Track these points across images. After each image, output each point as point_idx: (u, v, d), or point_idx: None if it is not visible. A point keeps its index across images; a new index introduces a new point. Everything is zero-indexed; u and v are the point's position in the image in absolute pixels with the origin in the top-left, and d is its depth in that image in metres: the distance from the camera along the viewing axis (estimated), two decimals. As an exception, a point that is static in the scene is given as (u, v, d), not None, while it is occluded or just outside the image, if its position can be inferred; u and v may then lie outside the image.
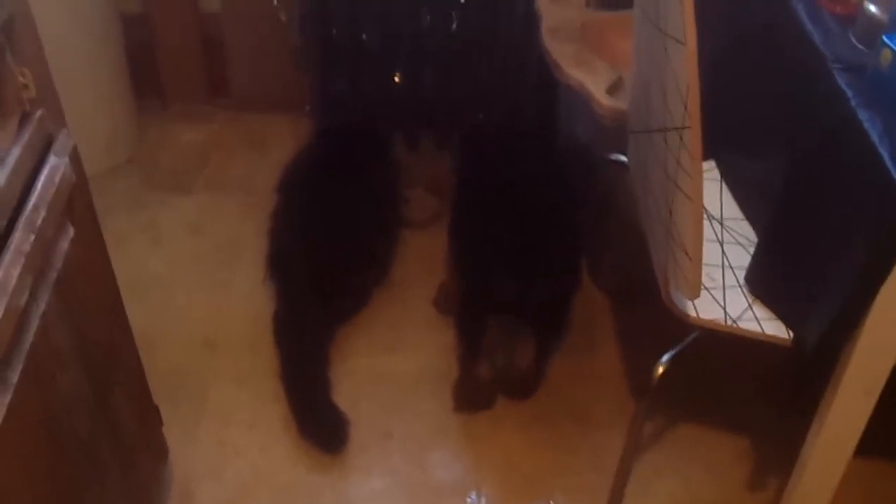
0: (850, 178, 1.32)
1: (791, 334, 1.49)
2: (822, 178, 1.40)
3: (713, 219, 1.74)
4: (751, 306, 1.54)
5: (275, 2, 2.51)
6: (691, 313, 1.52)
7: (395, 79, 2.39)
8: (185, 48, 2.71)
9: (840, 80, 1.37)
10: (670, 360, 1.59)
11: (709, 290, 1.56)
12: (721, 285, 1.58)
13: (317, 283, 2.07)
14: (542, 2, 2.17)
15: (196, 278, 2.27)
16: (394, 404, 1.97)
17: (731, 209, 1.77)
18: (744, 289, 1.58)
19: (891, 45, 1.31)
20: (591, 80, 1.93)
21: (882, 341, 1.35)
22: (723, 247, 1.67)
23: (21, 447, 1.04)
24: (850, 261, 1.31)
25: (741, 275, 1.60)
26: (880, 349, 1.36)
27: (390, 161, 2.36)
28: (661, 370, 1.58)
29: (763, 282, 1.56)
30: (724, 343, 1.53)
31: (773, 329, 1.50)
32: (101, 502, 1.35)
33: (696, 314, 1.52)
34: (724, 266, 1.63)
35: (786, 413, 1.83)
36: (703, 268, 1.41)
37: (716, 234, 1.70)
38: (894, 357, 1.37)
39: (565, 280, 1.88)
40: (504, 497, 1.82)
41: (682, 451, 1.89)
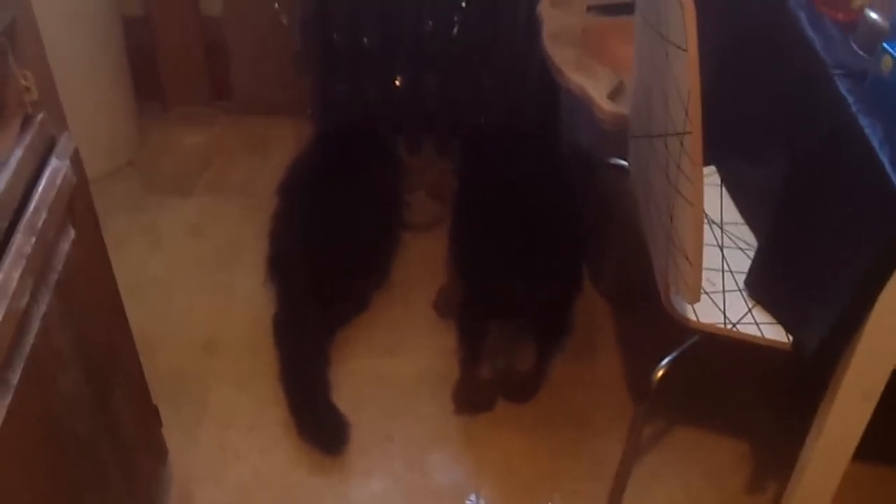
0: (850, 183, 1.32)
1: (790, 338, 1.49)
2: (822, 183, 1.40)
3: (713, 223, 1.74)
4: (750, 310, 1.54)
5: (276, 5, 2.52)
6: (691, 317, 1.52)
7: (397, 82, 2.40)
8: (187, 51, 2.71)
9: (841, 86, 1.37)
10: (670, 363, 1.59)
11: (709, 295, 1.56)
12: (721, 289, 1.59)
13: (317, 286, 2.07)
14: (544, 7, 2.17)
15: (196, 281, 2.27)
16: (394, 407, 1.98)
17: (732, 214, 1.78)
18: (744, 293, 1.58)
19: (891, 51, 1.32)
20: (593, 85, 1.93)
21: (881, 346, 1.35)
22: (723, 251, 1.68)
23: (21, 448, 1.04)
24: (849, 266, 1.31)
25: (741, 279, 1.60)
26: (879, 354, 1.37)
27: (391, 164, 2.36)
28: (660, 374, 1.59)
29: (763, 286, 1.56)
30: (723, 347, 1.53)
31: (773, 333, 1.50)
32: (101, 503, 1.35)
33: (696, 318, 1.52)
34: (724, 270, 1.63)
35: (785, 417, 1.83)
36: (703, 272, 1.41)
37: (716, 238, 1.71)
38: (893, 362, 1.37)
39: (566, 284, 1.89)
40: (504, 500, 1.82)
41: (682, 454, 1.89)
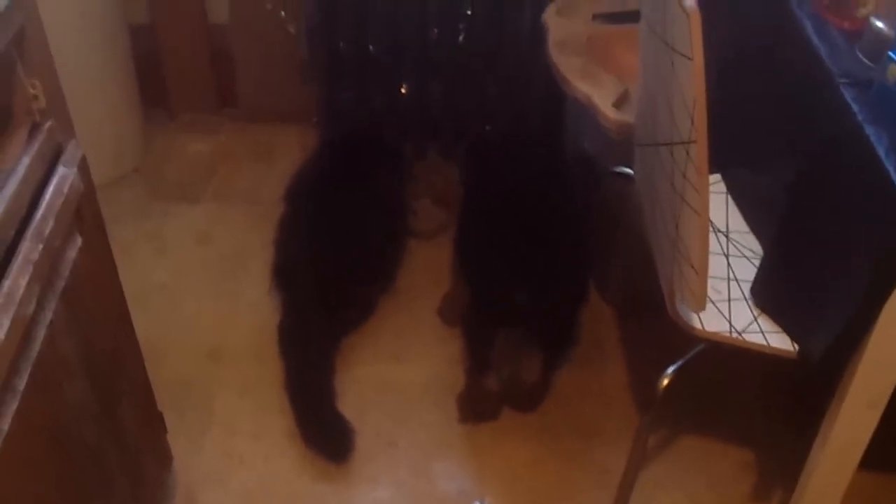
0: (856, 192, 1.32)
1: (796, 347, 1.49)
2: (828, 192, 1.40)
3: (719, 232, 1.74)
4: (756, 319, 1.54)
5: (283, 13, 2.52)
6: (697, 326, 1.52)
7: (402, 90, 2.40)
8: (193, 59, 2.71)
9: (846, 94, 1.37)
10: (675, 372, 1.58)
11: (714, 303, 1.56)
12: (727, 298, 1.58)
13: (323, 293, 2.07)
14: (549, 15, 2.18)
15: (202, 288, 2.27)
16: (399, 414, 1.98)
17: (737, 222, 1.77)
18: (749, 301, 1.58)
19: (897, 60, 1.32)
20: (598, 93, 1.93)
21: (887, 355, 1.35)
22: (728, 260, 1.68)
23: (28, 454, 1.04)
24: (855, 274, 1.31)
25: (747, 288, 1.60)
26: (885, 363, 1.36)
27: (397, 171, 2.36)
28: (665, 382, 1.58)
29: (768, 295, 1.56)
30: (729, 355, 1.53)
31: (779, 342, 1.50)
32: (107, 511, 1.35)
33: (702, 326, 1.52)
34: (729, 279, 1.63)
35: (790, 426, 1.83)
36: (708, 280, 1.41)
37: (721, 246, 1.71)
38: (899, 371, 1.37)
39: (573, 292, 1.89)
40: (508, 508, 1.83)
41: (687, 463, 1.89)
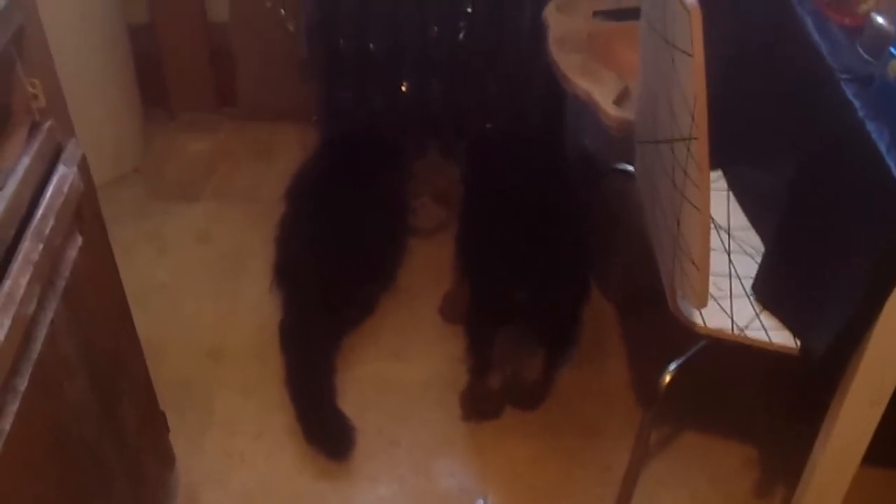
0: (857, 188, 1.32)
1: (798, 343, 1.48)
2: (829, 188, 1.40)
3: (720, 228, 1.74)
4: (758, 315, 1.54)
5: (282, 11, 2.52)
6: (698, 322, 1.52)
7: (402, 88, 2.40)
8: (193, 58, 2.71)
9: (847, 91, 1.37)
10: (677, 369, 1.58)
11: (716, 300, 1.56)
12: (728, 294, 1.58)
13: (323, 292, 2.07)
14: (549, 12, 2.17)
15: (202, 287, 2.27)
16: (400, 412, 1.97)
17: (739, 219, 1.77)
18: (751, 298, 1.58)
19: (898, 55, 1.31)
20: (598, 90, 1.93)
21: (889, 351, 1.35)
22: (730, 256, 1.67)
23: (29, 455, 1.04)
24: (857, 271, 1.31)
25: (748, 284, 1.60)
26: (887, 359, 1.36)
27: (397, 170, 2.36)
28: (667, 379, 1.58)
29: (770, 291, 1.56)
30: (731, 352, 1.53)
31: (781, 338, 1.50)
32: (109, 510, 1.35)
33: (704, 323, 1.52)
34: (731, 275, 1.63)
35: (793, 422, 1.83)
36: (710, 277, 1.41)
37: (723, 243, 1.70)
38: (902, 367, 1.37)
39: (574, 290, 1.88)
40: (510, 506, 1.83)
41: (689, 460, 1.89)
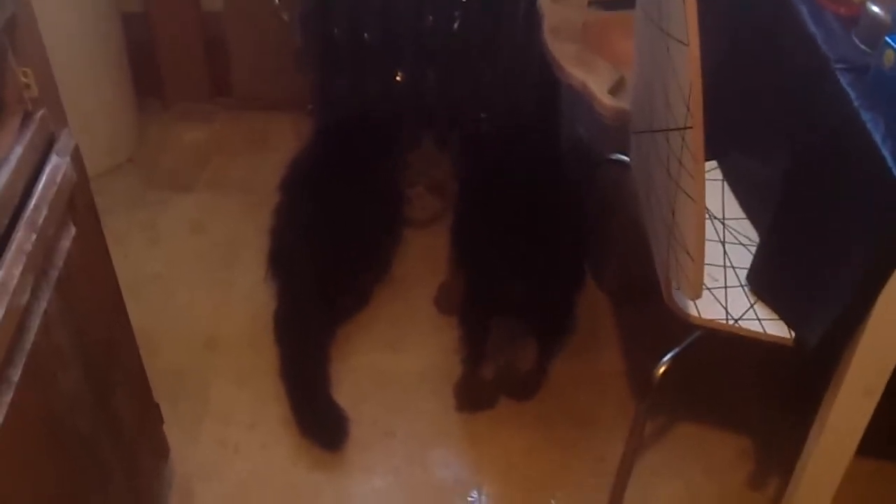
0: (852, 178, 1.32)
1: (793, 334, 1.48)
2: (824, 178, 1.39)
3: (715, 218, 1.74)
4: (752, 306, 1.54)
5: (276, 1, 2.51)
6: (693, 313, 1.52)
7: (397, 78, 2.39)
8: (187, 47, 2.70)
9: (842, 80, 1.37)
10: (671, 360, 1.58)
11: (710, 290, 1.56)
12: (723, 285, 1.58)
13: (318, 282, 2.06)
14: (544, 1, 2.17)
15: (196, 277, 2.27)
16: (396, 403, 1.97)
17: (733, 209, 1.77)
18: (745, 289, 1.58)
19: (894, 45, 1.31)
20: (593, 79, 1.92)
21: (883, 341, 1.35)
22: (724, 247, 1.67)
23: (23, 446, 1.04)
24: (851, 261, 1.31)
25: (743, 275, 1.60)
26: (881, 349, 1.36)
27: (392, 159, 2.35)
28: (662, 370, 1.58)
29: (765, 282, 1.56)
30: (725, 343, 1.53)
31: (775, 329, 1.50)
32: (103, 501, 1.35)
33: (698, 314, 1.52)
34: (725, 266, 1.63)
35: (787, 413, 1.83)
36: (704, 268, 1.41)
37: (717, 233, 1.70)
38: (895, 357, 1.37)
39: (569, 280, 1.88)
40: (505, 497, 1.82)
41: (683, 451, 1.89)
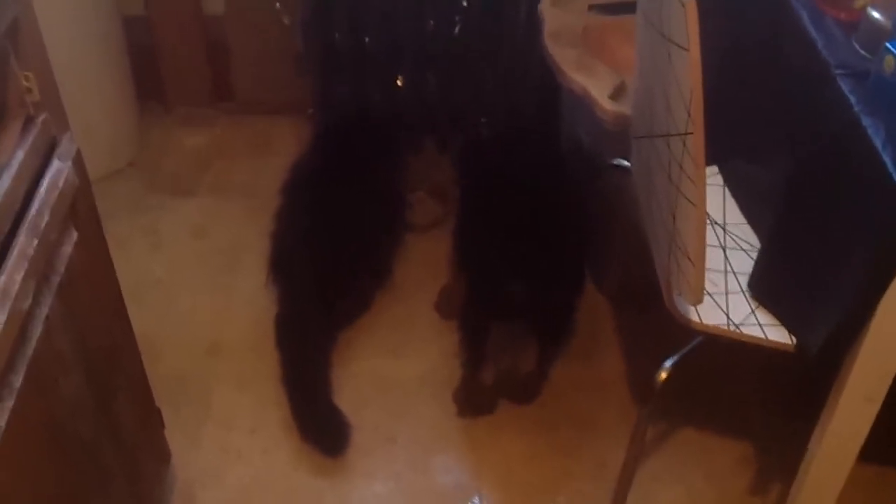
0: (853, 184, 1.32)
1: (794, 340, 1.48)
2: (825, 183, 1.39)
3: (716, 224, 1.74)
4: (754, 312, 1.54)
5: (278, 5, 2.51)
6: (694, 319, 1.52)
7: (398, 83, 2.39)
8: (188, 51, 2.70)
9: (843, 86, 1.37)
10: (673, 365, 1.58)
11: (712, 296, 1.56)
12: (724, 291, 1.58)
13: (319, 287, 2.07)
14: (544, 6, 2.17)
15: (198, 282, 2.27)
16: (397, 408, 1.97)
17: (734, 214, 1.77)
18: (747, 294, 1.57)
19: (894, 51, 1.31)
20: (594, 84, 1.93)
21: (885, 347, 1.35)
22: (726, 252, 1.67)
23: (25, 451, 1.04)
24: (853, 267, 1.31)
25: (744, 280, 1.59)
26: (883, 355, 1.36)
27: (393, 164, 2.35)
28: (663, 376, 1.58)
29: (766, 287, 1.55)
30: (726, 348, 1.53)
31: (776, 335, 1.50)
32: (104, 506, 1.35)
33: (699, 319, 1.52)
34: (727, 271, 1.63)
35: (788, 419, 1.83)
36: (705, 273, 1.41)
37: (718, 239, 1.70)
38: (897, 363, 1.37)
39: (569, 284, 1.88)
40: (506, 502, 1.82)
41: (685, 457, 1.89)
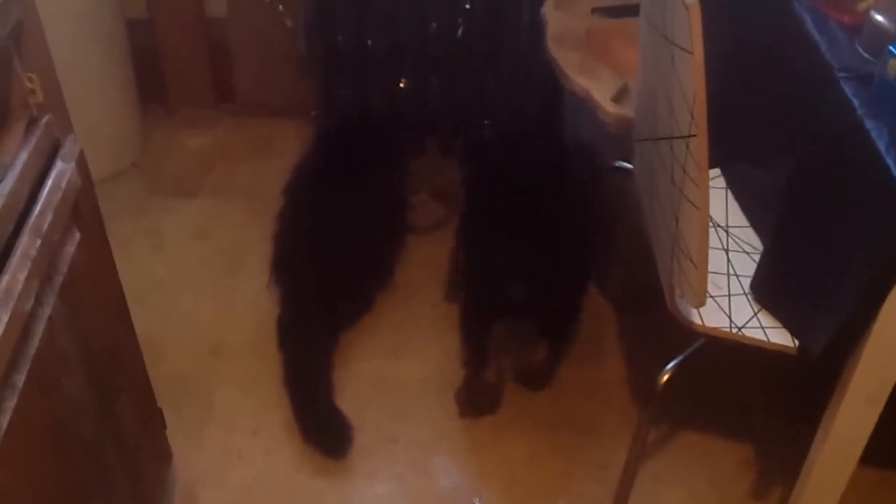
0: (856, 187, 1.32)
1: (796, 343, 1.48)
2: (827, 186, 1.39)
3: (718, 227, 1.74)
4: (756, 314, 1.54)
5: (280, 7, 2.52)
6: (696, 321, 1.52)
7: (401, 85, 2.39)
8: (190, 53, 2.71)
9: (846, 89, 1.37)
10: (675, 367, 1.58)
11: (714, 298, 1.56)
12: (727, 293, 1.58)
13: (321, 288, 2.07)
14: (548, 9, 2.17)
15: (201, 283, 2.27)
16: (399, 409, 1.97)
17: (737, 217, 1.77)
18: (749, 297, 1.58)
19: (898, 54, 1.31)
20: (597, 87, 1.93)
21: (887, 350, 1.35)
22: (728, 255, 1.67)
23: (27, 451, 1.04)
24: (855, 270, 1.31)
25: (746, 283, 1.59)
26: (885, 358, 1.36)
27: (395, 166, 2.35)
28: (665, 378, 1.58)
29: (768, 290, 1.55)
30: (729, 351, 1.53)
31: (779, 337, 1.50)
32: (106, 507, 1.35)
33: (702, 322, 1.52)
34: (729, 274, 1.63)
35: (790, 422, 1.83)
36: (708, 276, 1.41)
37: (721, 242, 1.70)
38: (899, 366, 1.37)
39: (573, 285, 1.88)
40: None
41: (687, 459, 1.89)
